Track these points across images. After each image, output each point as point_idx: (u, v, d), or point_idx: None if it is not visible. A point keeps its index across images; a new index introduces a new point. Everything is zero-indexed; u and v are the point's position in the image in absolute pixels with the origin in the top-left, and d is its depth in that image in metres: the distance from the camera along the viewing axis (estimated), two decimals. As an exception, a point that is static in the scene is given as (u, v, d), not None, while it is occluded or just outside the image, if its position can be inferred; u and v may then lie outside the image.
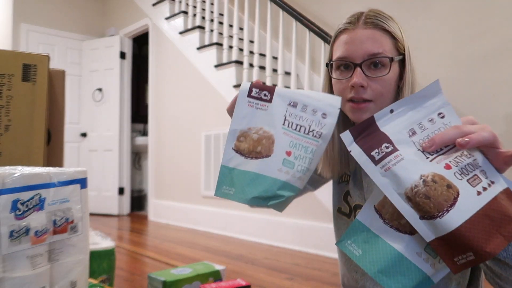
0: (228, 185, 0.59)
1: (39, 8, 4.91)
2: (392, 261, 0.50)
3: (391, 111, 0.53)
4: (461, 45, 2.88)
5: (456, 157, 0.49)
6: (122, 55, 5.04)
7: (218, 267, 0.89)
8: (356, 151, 0.52)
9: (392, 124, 0.53)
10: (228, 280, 0.82)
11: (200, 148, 3.93)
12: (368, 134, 0.53)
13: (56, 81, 0.80)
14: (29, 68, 0.72)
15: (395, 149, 0.50)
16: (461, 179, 0.48)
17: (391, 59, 0.76)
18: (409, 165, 0.49)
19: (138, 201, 5.35)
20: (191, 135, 4.07)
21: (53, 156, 0.78)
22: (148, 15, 4.77)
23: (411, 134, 0.52)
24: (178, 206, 4.22)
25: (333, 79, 0.82)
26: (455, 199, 0.46)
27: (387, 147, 0.51)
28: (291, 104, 0.60)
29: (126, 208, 5.00)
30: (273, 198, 0.57)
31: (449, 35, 2.92)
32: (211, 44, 3.82)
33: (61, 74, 0.81)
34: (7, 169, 0.51)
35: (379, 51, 0.76)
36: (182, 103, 4.24)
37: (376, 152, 0.51)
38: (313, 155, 0.58)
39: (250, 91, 0.62)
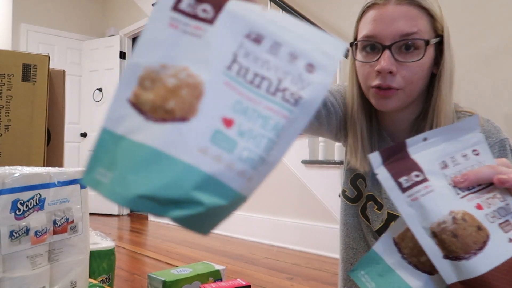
0: (107, 166, 0.31)
1: (39, 8, 4.91)
2: None
3: (425, 139, 0.49)
4: (461, 45, 2.88)
5: (488, 199, 0.46)
6: (122, 55, 5.04)
7: (218, 267, 0.89)
8: (383, 175, 0.48)
9: (424, 152, 0.49)
10: (228, 280, 0.81)
11: (200, 148, 3.93)
12: (398, 159, 0.49)
13: (56, 81, 0.80)
14: (29, 68, 0.72)
15: (426, 179, 0.47)
16: (492, 222, 0.44)
17: (427, 42, 0.66)
18: (438, 198, 0.46)
19: (138, 201, 5.35)
20: (191, 135, 4.07)
21: (53, 156, 0.78)
22: (148, 15, 4.77)
23: (443, 166, 0.49)
24: (178, 206, 4.22)
25: (357, 62, 0.72)
26: (485, 242, 0.43)
27: (417, 176, 0.47)
28: (252, 36, 0.33)
29: (126, 208, 5.00)
30: (181, 204, 0.30)
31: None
32: (211, 44, 3.81)
33: (61, 74, 0.81)
34: (7, 169, 0.51)
35: (413, 30, 0.65)
36: (182, 103, 4.24)
37: (405, 179, 0.47)
38: (278, 135, 0.32)
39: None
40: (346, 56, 0.79)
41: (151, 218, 4.56)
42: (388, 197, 0.79)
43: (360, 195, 0.85)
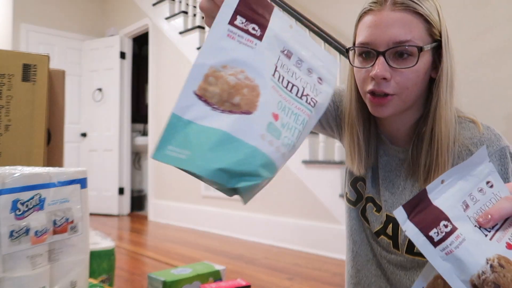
0: (179, 145, 0.39)
1: (39, 8, 4.91)
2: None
3: (442, 181, 0.49)
4: (461, 45, 2.88)
5: None
6: (122, 55, 5.04)
7: (218, 267, 0.89)
8: (411, 231, 0.46)
9: (444, 196, 0.49)
10: (228, 280, 0.81)
11: (200, 148, 3.93)
12: (422, 209, 0.48)
13: (56, 81, 0.80)
14: (29, 68, 0.72)
15: (454, 228, 0.46)
16: None
17: (420, 49, 0.66)
18: (472, 247, 0.45)
19: (138, 201, 5.35)
20: (191, 135, 4.07)
21: (53, 156, 0.78)
22: (148, 15, 4.77)
23: (465, 207, 0.48)
24: (178, 206, 4.22)
25: (354, 67, 0.73)
26: None
27: (445, 226, 0.46)
28: (285, 52, 0.46)
29: (126, 208, 5.00)
30: (248, 177, 0.39)
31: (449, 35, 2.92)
32: (211, 44, 3.81)
33: (61, 74, 0.81)
34: (7, 169, 0.51)
35: (407, 38, 0.65)
36: (182, 103, 4.24)
37: (435, 232, 0.46)
38: (303, 128, 0.45)
39: (233, 17, 0.43)
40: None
41: (151, 218, 4.56)
42: (387, 199, 0.79)
43: (361, 198, 0.85)
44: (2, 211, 0.48)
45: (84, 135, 5.09)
